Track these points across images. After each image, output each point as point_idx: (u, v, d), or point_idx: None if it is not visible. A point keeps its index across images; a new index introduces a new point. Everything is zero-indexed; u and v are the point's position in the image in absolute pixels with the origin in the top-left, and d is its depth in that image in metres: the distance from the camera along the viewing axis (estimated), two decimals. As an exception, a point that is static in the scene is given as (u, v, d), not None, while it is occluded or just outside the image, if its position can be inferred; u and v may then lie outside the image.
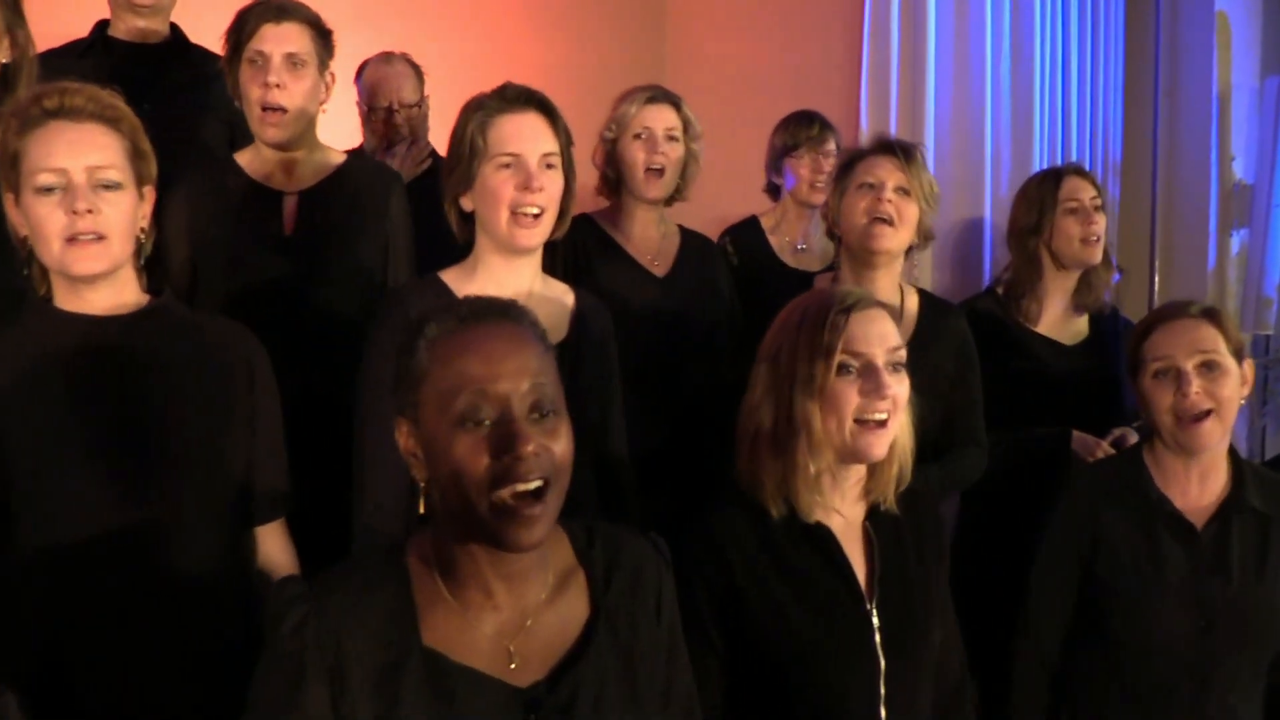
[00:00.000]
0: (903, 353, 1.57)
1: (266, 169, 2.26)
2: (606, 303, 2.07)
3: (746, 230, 3.00)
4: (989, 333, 2.57)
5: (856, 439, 1.54)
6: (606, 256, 2.45)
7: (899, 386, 1.55)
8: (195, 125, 2.58)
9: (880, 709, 1.56)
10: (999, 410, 2.47)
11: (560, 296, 1.95)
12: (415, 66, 3.10)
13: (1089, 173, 2.80)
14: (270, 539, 1.70)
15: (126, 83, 2.43)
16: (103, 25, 2.62)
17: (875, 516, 1.64)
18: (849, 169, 2.28)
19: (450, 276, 1.89)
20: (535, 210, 1.82)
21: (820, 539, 1.59)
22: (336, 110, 2.97)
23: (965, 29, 3.16)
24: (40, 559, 1.51)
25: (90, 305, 1.57)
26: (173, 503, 1.56)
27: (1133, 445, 2.20)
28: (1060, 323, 2.72)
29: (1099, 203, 2.68)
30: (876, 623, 1.57)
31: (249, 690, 1.19)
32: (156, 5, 2.59)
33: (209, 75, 2.45)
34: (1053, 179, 2.71)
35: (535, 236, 1.84)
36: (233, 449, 1.64)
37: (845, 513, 1.62)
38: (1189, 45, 3.82)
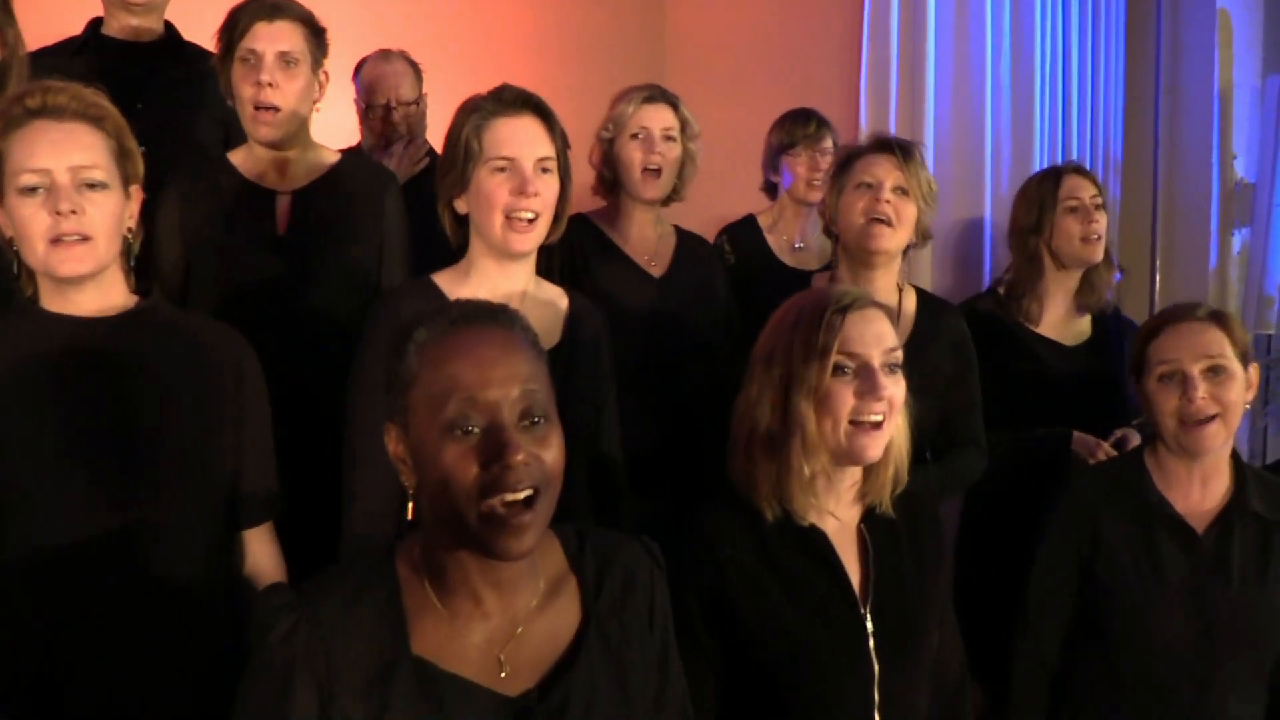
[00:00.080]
0: (899, 354, 1.55)
1: (260, 168, 2.24)
2: (604, 303, 2.05)
3: (743, 229, 2.98)
4: (989, 333, 2.56)
5: (852, 440, 1.52)
6: (604, 257, 2.43)
7: (895, 388, 1.53)
8: (189, 124, 2.57)
9: (875, 714, 1.54)
10: (1000, 411, 2.46)
11: (554, 299, 1.94)
12: (413, 64, 3.08)
13: (1089, 171, 2.78)
14: (258, 542, 1.69)
15: (119, 82, 2.42)
16: (96, 23, 2.60)
17: (871, 519, 1.62)
18: (846, 167, 2.26)
19: (443, 279, 1.87)
20: (530, 215, 1.80)
21: (814, 542, 1.57)
22: (335, 109, 2.97)
23: (965, 27, 3.14)
24: (27, 563, 1.49)
25: (77, 307, 1.55)
26: (160, 506, 1.54)
27: (1134, 448, 2.18)
28: (1062, 323, 2.70)
29: (1099, 201, 2.66)
30: (870, 627, 1.55)
31: (236, 699, 1.17)
32: (150, 3, 2.58)
33: (203, 74, 2.44)
34: (1053, 178, 2.70)
35: (530, 241, 1.83)
36: (221, 451, 1.62)
37: (840, 515, 1.60)
38: (1190, 43, 3.80)
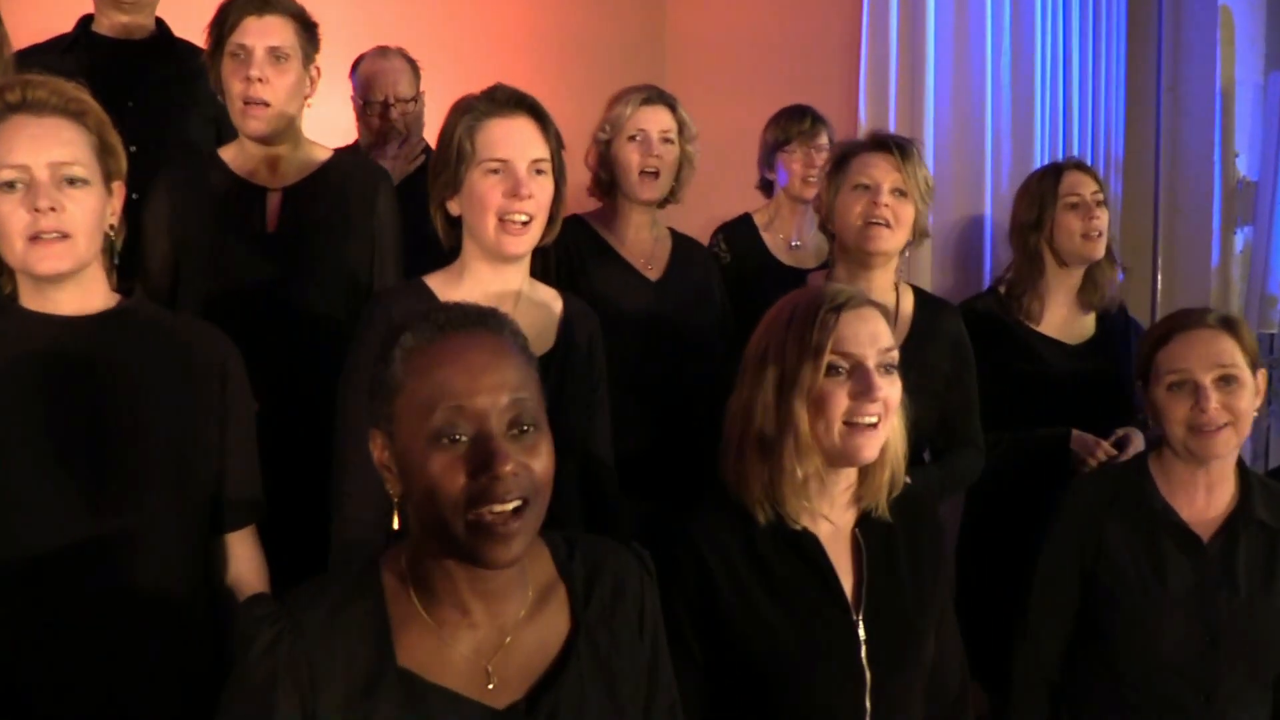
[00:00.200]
0: (895, 354, 1.51)
1: (251, 165, 2.22)
2: (600, 306, 2.03)
3: (740, 228, 2.96)
4: (989, 333, 2.53)
5: (846, 441, 1.48)
6: (600, 259, 2.41)
7: (890, 389, 1.49)
8: (180, 123, 2.55)
9: None
10: (1001, 411, 2.44)
11: (548, 302, 1.91)
12: (411, 61, 3.06)
13: (1090, 167, 2.75)
14: (241, 546, 1.66)
15: (110, 80, 2.41)
16: (86, 21, 2.58)
17: (866, 524, 1.58)
18: (843, 165, 2.23)
19: (436, 281, 1.85)
20: (523, 218, 1.77)
21: (806, 546, 1.53)
22: (333, 108, 2.95)
23: (965, 25, 3.12)
24: (1, 568, 1.46)
25: (56, 305, 1.52)
26: (140, 510, 1.51)
27: (1138, 453, 2.15)
28: (1064, 322, 2.67)
29: (1101, 197, 2.63)
30: (863, 635, 1.51)
31: (216, 712, 1.14)
32: (141, 0, 2.55)
33: (195, 72, 2.41)
34: (1053, 174, 2.67)
35: (523, 244, 1.80)
36: (202, 455, 1.59)
37: (834, 519, 1.56)
38: (1192, 40, 3.79)
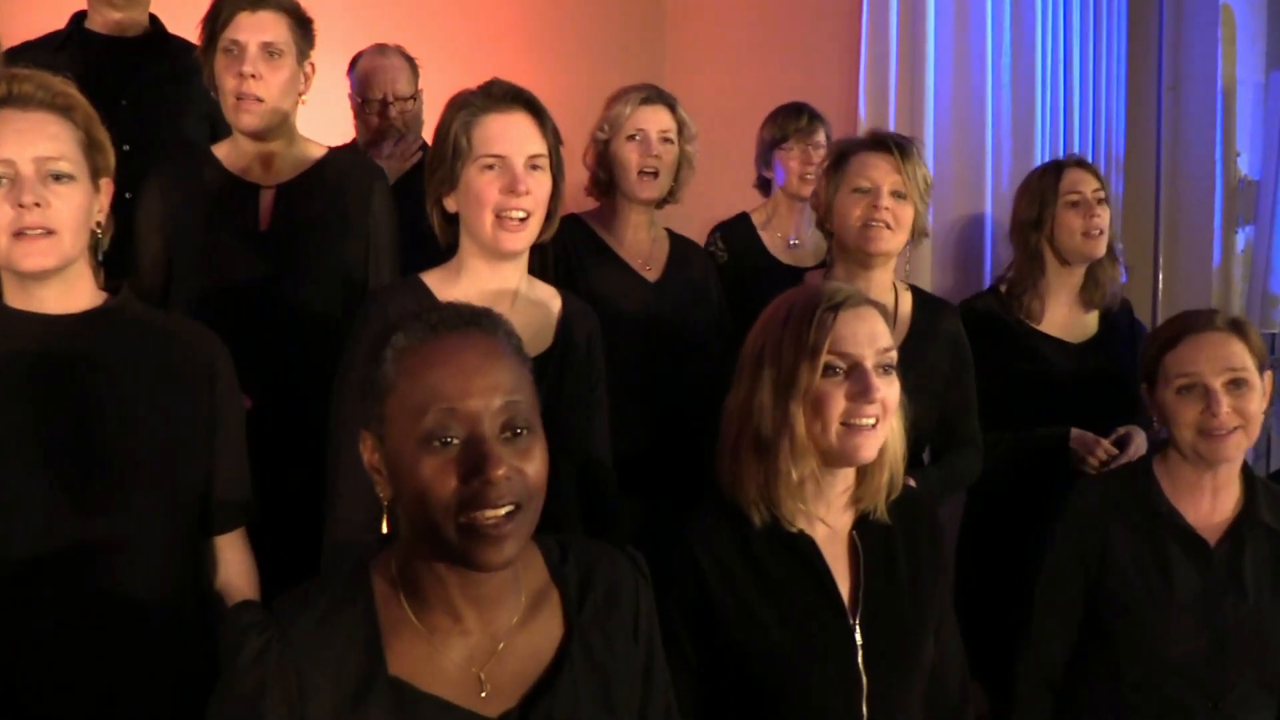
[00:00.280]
0: (893, 354, 1.49)
1: (244, 161, 2.20)
2: (598, 307, 2.00)
3: (737, 227, 2.94)
4: (989, 332, 2.52)
5: (844, 441, 1.46)
6: (598, 259, 2.39)
7: (889, 389, 1.47)
8: (174, 122, 2.54)
9: None
10: (1002, 411, 2.43)
11: (546, 300, 1.89)
12: (410, 59, 3.04)
13: (1092, 164, 2.73)
14: (230, 549, 1.63)
15: (103, 77, 2.40)
16: (79, 17, 2.56)
17: (864, 526, 1.55)
18: (842, 163, 2.20)
19: (433, 279, 1.83)
20: (521, 214, 1.75)
21: (802, 549, 1.50)
22: (331, 108, 2.94)
23: (965, 22, 3.11)
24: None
25: (41, 304, 1.50)
26: (125, 511, 1.49)
27: (1142, 456, 2.12)
28: (1066, 320, 2.65)
29: (1102, 195, 2.61)
30: (860, 639, 1.49)
31: None
32: (134, -4, 2.54)
33: (189, 69, 2.39)
34: (1053, 171, 2.65)
35: (521, 240, 1.78)
36: (189, 456, 1.56)
37: (831, 522, 1.54)
38: (1193, 39, 3.78)
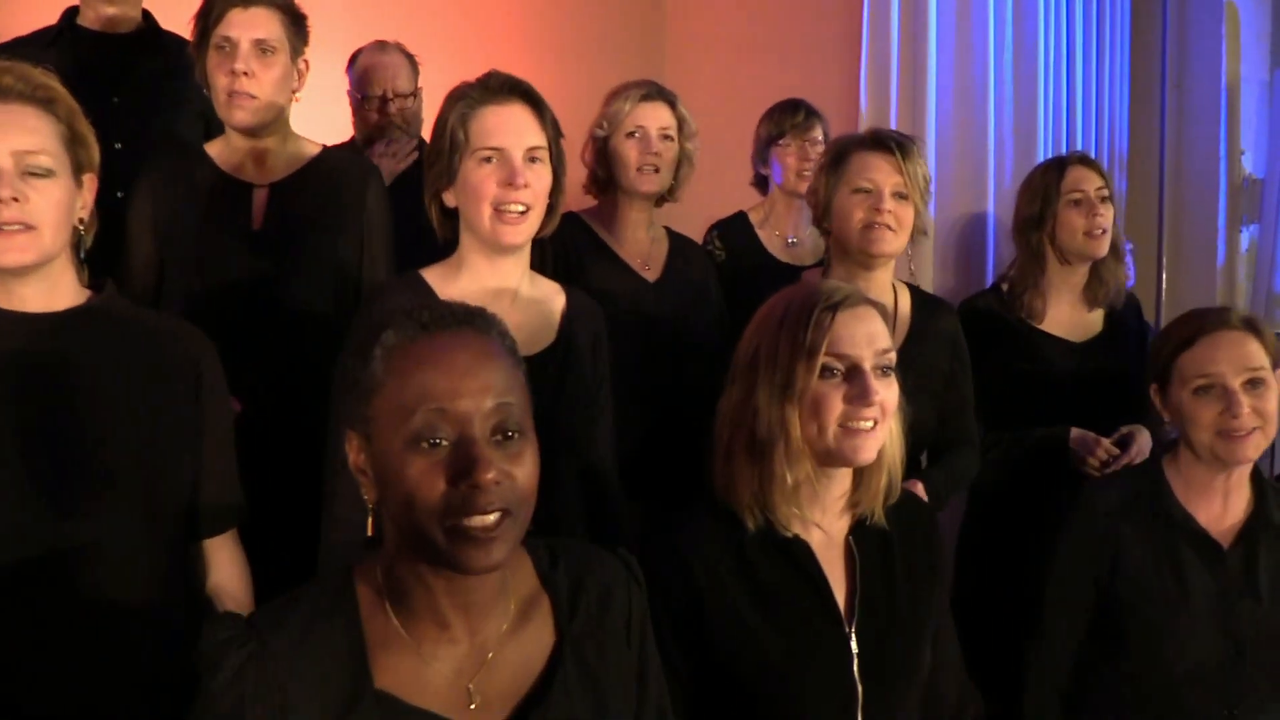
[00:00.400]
0: (892, 355, 1.46)
1: (237, 159, 2.18)
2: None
3: (735, 226, 2.91)
4: (988, 331, 2.50)
5: (841, 443, 1.43)
6: (597, 258, 2.37)
7: (887, 392, 1.44)
8: (168, 119, 2.51)
9: None
10: (1003, 411, 2.41)
11: (550, 297, 1.87)
12: (410, 57, 3.02)
13: (1095, 161, 2.69)
14: (220, 552, 1.61)
15: (95, 74, 2.38)
16: (71, 13, 2.53)
17: (860, 531, 1.52)
18: (841, 162, 2.16)
19: (433, 275, 1.80)
20: (520, 208, 1.73)
21: (796, 554, 1.47)
22: (333, 106, 2.91)
23: (967, 20, 3.09)
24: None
25: (21, 301, 1.47)
26: (104, 515, 1.45)
27: (1152, 457, 2.09)
28: (1068, 319, 2.61)
29: (1105, 194, 2.57)
30: (855, 648, 1.46)
31: None
32: (127, -9, 2.51)
33: (183, 66, 2.35)
34: (1056, 168, 2.61)
35: (521, 234, 1.75)
36: (174, 458, 1.53)
37: (826, 527, 1.50)
38: (1197, 36, 3.77)
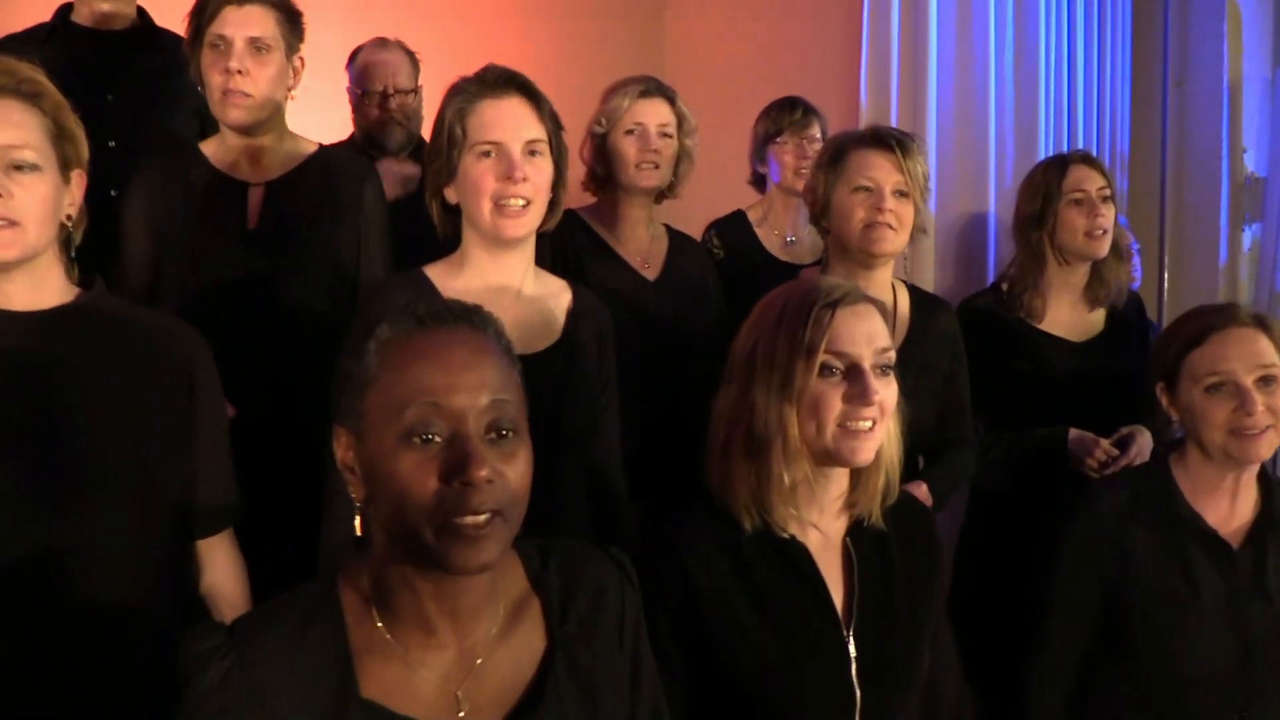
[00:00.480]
0: (892, 354, 1.44)
1: (232, 158, 2.16)
2: None
3: (733, 224, 2.90)
4: (988, 331, 2.48)
5: (840, 443, 1.40)
6: (597, 256, 2.35)
7: (887, 391, 1.42)
8: (163, 117, 2.50)
9: None
10: (1003, 411, 2.40)
11: (555, 293, 1.85)
12: (410, 53, 3.01)
13: (1097, 160, 2.67)
14: (216, 552, 1.59)
15: (89, 72, 2.37)
16: (65, 10, 2.52)
17: (858, 532, 1.50)
18: (841, 159, 2.15)
19: (436, 272, 1.79)
20: (520, 201, 1.72)
21: (794, 556, 1.45)
22: (333, 106, 2.90)
23: (968, 18, 3.07)
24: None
25: (7, 299, 1.45)
26: (93, 515, 1.44)
27: (1158, 456, 2.07)
28: (1069, 319, 2.59)
29: (1107, 193, 2.55)
30: (853, 651, 1.44)
31: None
32: (121, -13, 2.50)
33: (178, 64, 2.35)
34: (1058, 167, 2.58)
35: (522, 227, 1.74)
36: (166, 457, 1.51)
37: (824, 528, 1.48)
38: (1199, 34, 3.76)
